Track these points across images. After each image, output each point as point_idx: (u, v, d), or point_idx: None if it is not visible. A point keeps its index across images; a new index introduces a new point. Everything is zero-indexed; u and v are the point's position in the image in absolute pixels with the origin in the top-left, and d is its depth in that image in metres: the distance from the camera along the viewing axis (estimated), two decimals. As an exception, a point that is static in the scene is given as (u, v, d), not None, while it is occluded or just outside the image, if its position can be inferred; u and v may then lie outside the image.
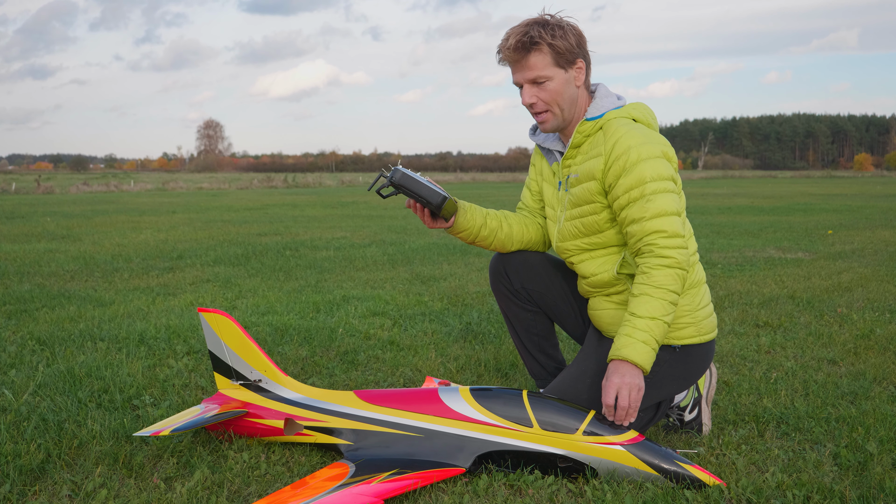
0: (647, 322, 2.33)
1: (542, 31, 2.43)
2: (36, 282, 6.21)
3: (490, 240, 2.76)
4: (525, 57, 2.46)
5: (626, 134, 2.43)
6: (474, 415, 2.36)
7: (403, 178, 2.45)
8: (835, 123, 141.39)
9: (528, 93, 2.50)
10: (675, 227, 2.38)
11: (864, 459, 2.42)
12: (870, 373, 3.44)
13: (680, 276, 2.37)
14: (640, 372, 2.32)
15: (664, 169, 2.40)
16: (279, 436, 2.55)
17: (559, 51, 2.44)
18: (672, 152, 2.48)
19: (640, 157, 2.39)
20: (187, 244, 9.21)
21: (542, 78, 2.47)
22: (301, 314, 4.80)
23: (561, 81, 2.48)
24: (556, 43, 2.43)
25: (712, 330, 2.62)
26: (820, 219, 13.54)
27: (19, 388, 3.17)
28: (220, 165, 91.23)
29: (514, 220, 2.81)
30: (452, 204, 2.56)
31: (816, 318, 4.69)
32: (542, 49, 2.44)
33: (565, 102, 2.51)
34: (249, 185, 37.79)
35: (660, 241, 2.37)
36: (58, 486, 2.25)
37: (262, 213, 15.63)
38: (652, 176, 2.38)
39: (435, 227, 2.64)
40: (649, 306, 2.33)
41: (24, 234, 10.67)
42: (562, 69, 2.47)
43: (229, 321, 2.63)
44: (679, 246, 2.37)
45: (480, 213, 2.73)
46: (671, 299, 2.35)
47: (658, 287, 2.34)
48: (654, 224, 2.37)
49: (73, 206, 18.92)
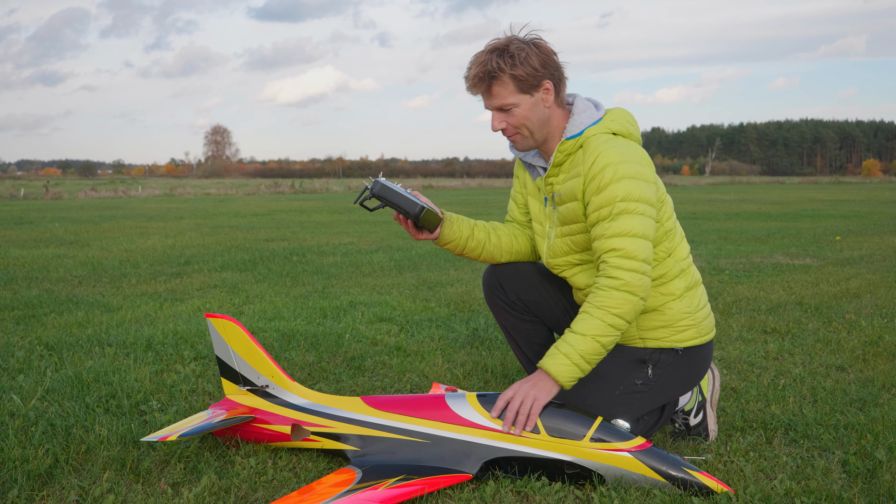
0: (578, 338, 2.33)
1: (500, 61, 2.39)
2: (44, 287, 6.24)
3: (478, 251, 2.75)
4: (487, 88, 2.44)
5: (604, 153, 2.39)
6: (481, 421, 2.35)
7: (382, 190, 2.49)
8: (843, 129, 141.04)
9: (496, 119, 2.49)
10: (633, 249, 2.34)
11: (874, 467, 2.41)
12: (878, 379, 3.42)
13: (626, 300, 2.34)
14: (552, 385, 2.34)
15: (637, 189, 2.36)
16: (286, 441, 2.56)
17: (520, 78, 2.41)
18: (649, 170, 2.43)
19: (615, 176, 2.36)
20: (195, 250, 9.24)
21: (507, 105, 2.45)
22: (308, 320, 4.80)
23: (527, 107, 2.45)
24: (517, 72, 2.39)
25: (711, 329, 2.63)
26: (828, 225, 13.49)
27: (27, 393, 3.18)
28: (228, 171, 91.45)
29: (502, 231, 2.81)
30: (434, 215, 2.57)
31: (825, 324, 4.67)
32: (503, 79, 2.41)
33: (534, 125, 2.48)
34: (257, 191, 37.86)
35: (612, 261, 2.35)
36: (65, 492, 2.25)
37: (270, 219, 15.66)
38: (622, 196, 2.35)
39: (420, 238, 2.65)
40: (585, 324, 2.34)
41: (32, 239, 10.72)
42: (526, 94, 2.44)
43: (237, 327, 2.64)
44: (633, 269, 2.34)
45: (468, 225, 2.73)
46: (611, 321, 2.34)
47: (599, 307, 2.34)
48: (612, 242, 2.36)
49: (81, 211, 18.99)
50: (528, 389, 2.33)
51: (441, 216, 2.64)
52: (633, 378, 2.52)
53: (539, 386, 2.33)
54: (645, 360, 2.54)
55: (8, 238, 10.92)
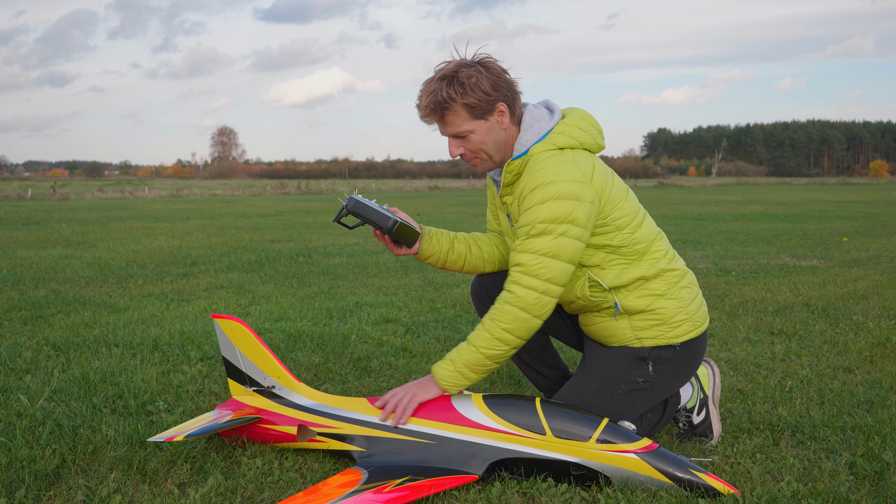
0: (465, 348, 2.42)
1: (451, 90, 2.37)
2: (51, 288, 6.26)
3: (460, 263, 2.76)
4: (440, 117, 2.43)
5: (537, 173, 2.38)
6: (487, 422, 2.35)
7: (357, 206, 2.53)
8: (850, 130, 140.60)
9: (453, 145, 2.48)
10: (536, 267, 2.34)
11: (881, 469, 2.40)
12: (886, 381, 3.41)
13: (517, 316, 2.35)
14: (434, 388, 2.44)
15: (561, 211, 2.33)
16: (292, 442, 2.56)
17: (472, 106, 2.38)
18: (585, 188, 2.35)
19: (542, 197, 2.34)
20: (201, 250, 9.25)
21: (462, 132, 2.44)
22: (314, 320, 4.81)
23: (483, 132, 2.44)
24: (468, 100, 2.37)
25: (705, 319, 2.63)
26: (835, 226, 13.45)
27: (35, 393, 3.19)
28: (234, 172, 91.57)
29: (483, 241, 2.81)
30: (410, 230, 2.58)
31: (832, 325, 4.65)
32: (455, 108, 2.39)
33: (491, 148, 2.47)
34: (263, 192, 37.92)
35: (513, 275, 2.38)
36: (72, 492, 2.26)
37: (276, 220, 15.69)
38: (543, 217, 2.34)
39: (400, 254, 2.66)
40: (475, 334, 2.42)
41: (39, 240, 10.76)
42: (481, 120, 2.42)
43: (243, 327, 2.64)
44: (530, 287, 2.34)
45: (447, 238, 2.74)
46: (498, 335, 2.37)
47: (491, 319, 2.40)
48: (518, 258, 2.37)
49: (88, 212, 19.05)
50: (412, 387, 2.45)
51: (419, 231, 2.65)
52: (634, 376, 2.52)
53: (424, 387, 2.45)
54: (645, 358, 2.53)
55: (15, 239, 10.96)
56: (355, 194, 2.59)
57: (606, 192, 2.44)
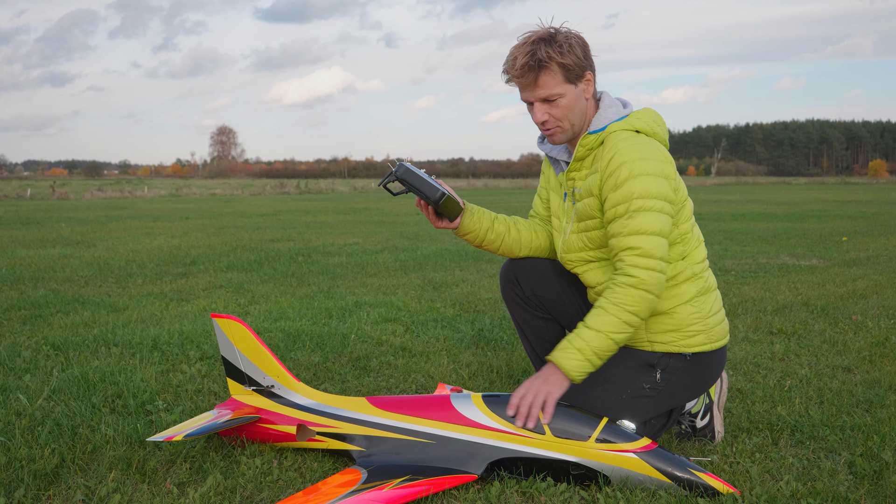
0: (592, 333, 2.33)
1: (550, 49, 2.38)
2: (50, 287, 6.26)
3: (497, 244, 2.76)
4: (535, 78, 2.41)
5: (623, 149, 2.38)
6: (486, 421, 2.35)
7: (406, 173, 2.48)
8: (849, 130, 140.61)
9: (540, 111, 2.46)
10: (651, 247, 2.33)
11: (880, 468, 2.40)
12: (885, 381, 3.41)
13: (643, 298, 2.34)
14: (562, 380, 2.34)
15: (655, 187, 2.35)
16: (291, 441, 2.56)
17: (569, 67, 2.39)
18: (669, 167, 2.42)
19: (632, 173, 2.35)
20: (200, 250, 9.25)
21: (553, 96, 2.42)
22: (313, 320, 4.81)
23: (572, 97, 2.44)
24: (566, 60, 2.38)
25: (724, 336, 2.60)
26: (834, 225, 13.45)
27: (34, 392, 3.19)
28: (234, 171, 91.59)
29: (523, 225, 2.81)
30: (454, 203, 2.56)
31: (831, 325, 4.66)
32: (552, 68, 2.39)
33: (576, 117, 2.47)
34: (262, 192, 37.92)
35: (629, 259, 2.35)
36: (72, 491, 2.26)
37: (275, 219, 15.69)
38: (639, 193, 2.34)
39: (440, 226, 2.65)
40: (599, 319, 2.34)
41: (38, 239, 10.75)
42: (572, 84, 2.43)
43: (242, 327, 2.64)
44: (650, 267, 2.33)
45: (488, 217, 2.74)
46: (625, 318, 2.33)
47: (615, 304, 2.34)
48: (629, 241, 2.35)
49: (87, 211, 19.05)
50: (540, 385, 2.33)
51: (462, 206, 2.65)
52: (641, 382, 2.51)
53: (550, 380, 2.34)
54: (653, 365, 2.52)
55: (14, 238, 10.96)
56: (405, 161, 2.54)
57: (679, 184, 2.48)
